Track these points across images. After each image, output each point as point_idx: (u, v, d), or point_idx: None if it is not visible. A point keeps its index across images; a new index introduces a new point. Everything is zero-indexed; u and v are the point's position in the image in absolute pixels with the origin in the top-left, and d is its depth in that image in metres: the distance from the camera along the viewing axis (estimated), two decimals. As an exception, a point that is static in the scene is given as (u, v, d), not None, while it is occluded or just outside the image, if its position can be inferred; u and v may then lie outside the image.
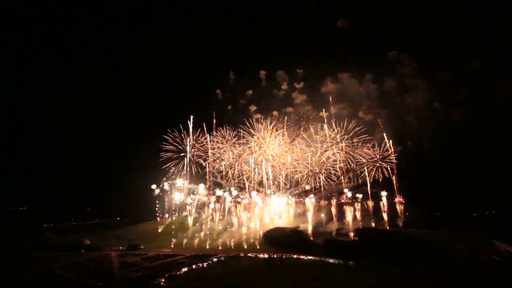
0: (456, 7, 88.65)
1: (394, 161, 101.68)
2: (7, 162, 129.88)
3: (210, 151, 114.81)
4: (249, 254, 79.16)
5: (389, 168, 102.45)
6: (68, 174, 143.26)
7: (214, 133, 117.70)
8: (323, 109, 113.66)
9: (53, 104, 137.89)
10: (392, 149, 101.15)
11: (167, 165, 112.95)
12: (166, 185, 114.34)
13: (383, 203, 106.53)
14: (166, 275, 58.20)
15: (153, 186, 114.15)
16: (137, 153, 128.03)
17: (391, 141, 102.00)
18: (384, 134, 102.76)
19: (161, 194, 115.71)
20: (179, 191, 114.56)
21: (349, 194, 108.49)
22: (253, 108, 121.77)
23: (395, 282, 54.50)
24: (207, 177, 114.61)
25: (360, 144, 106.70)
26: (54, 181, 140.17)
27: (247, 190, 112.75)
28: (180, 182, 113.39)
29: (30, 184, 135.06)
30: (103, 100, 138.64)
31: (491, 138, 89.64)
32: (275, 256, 71.72)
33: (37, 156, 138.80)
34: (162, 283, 54.74)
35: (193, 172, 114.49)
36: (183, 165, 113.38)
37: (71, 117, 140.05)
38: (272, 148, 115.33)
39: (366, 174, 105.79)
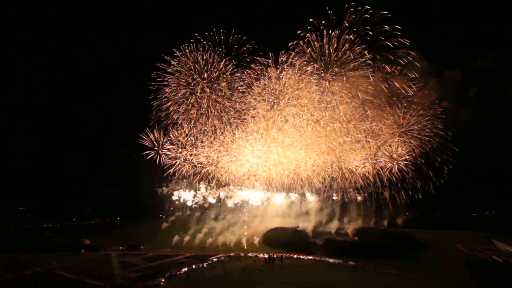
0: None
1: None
2: (7, 162, 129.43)
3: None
4: (249, 254, 79.08)
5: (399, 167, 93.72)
6: (68, 174, 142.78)
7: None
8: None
9: (52, 101, 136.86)
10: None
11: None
12: (167, 186, 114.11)
13: (383, 203, 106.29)
14: (166, 275, 58.26)
15: (156, 188, 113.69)
16: (138, 151, 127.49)
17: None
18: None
19: (162, 193, 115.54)
20: (180, 191, 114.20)
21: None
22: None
23: (395, 282, 54.60)
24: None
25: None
26: (54, 181, 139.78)
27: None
28: (182, 181, 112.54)
29: (30, 184, 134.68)
30: (104, 95, 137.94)
31: (492, 138, 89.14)
32: (275, 256, 71.59)
33: (37, 156, 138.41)
34: (162, 283, 54.78)
35: (198, 170, 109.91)
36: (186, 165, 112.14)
37: (70, 113, 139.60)
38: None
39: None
